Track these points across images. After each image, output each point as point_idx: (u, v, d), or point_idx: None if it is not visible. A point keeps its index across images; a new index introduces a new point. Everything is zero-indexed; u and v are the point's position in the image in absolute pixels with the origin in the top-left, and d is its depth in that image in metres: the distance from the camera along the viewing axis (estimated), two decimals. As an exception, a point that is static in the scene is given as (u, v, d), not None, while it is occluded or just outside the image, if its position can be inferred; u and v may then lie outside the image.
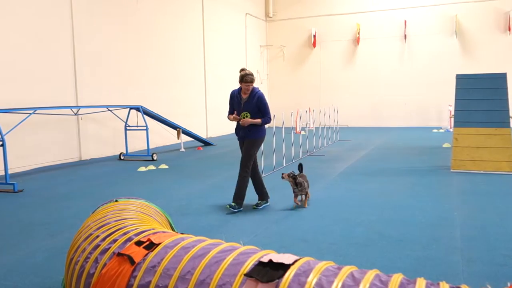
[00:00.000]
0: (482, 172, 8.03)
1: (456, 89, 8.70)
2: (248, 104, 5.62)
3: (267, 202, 5.91)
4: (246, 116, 5.62)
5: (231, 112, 5.84)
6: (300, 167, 6.09)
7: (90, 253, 2.62)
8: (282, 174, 5.78)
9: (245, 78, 5.53)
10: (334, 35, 20.31)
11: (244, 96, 5.67)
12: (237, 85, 5.88)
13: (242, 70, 5.64)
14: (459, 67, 17.29)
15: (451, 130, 15.34)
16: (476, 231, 4.61)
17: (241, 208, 5.69)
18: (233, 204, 5.63)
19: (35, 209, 5.96)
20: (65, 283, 2.89)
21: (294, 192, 5.75)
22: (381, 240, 4.36)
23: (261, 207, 5.80)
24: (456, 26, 18.19)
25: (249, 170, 5.72)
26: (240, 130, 5.77)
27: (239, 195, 5.68)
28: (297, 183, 5.66)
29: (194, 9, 15.50)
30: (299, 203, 5.80)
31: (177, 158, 10.88)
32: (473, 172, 8.04)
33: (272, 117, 5.84)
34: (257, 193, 5.91)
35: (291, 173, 5.73)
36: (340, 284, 1.88)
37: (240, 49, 18.96)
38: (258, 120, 5.62)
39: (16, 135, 8.48)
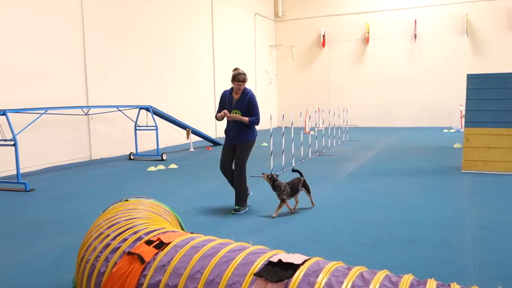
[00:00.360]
0: (493, 172, 7.95)
1: (467, 89, 8.62)
2: (238, 104, 5.58)
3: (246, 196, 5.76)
4: (236, 113, 5.55)
5: (219, 111, 5.70)
6: (297, 171, 5.79)
7: (101, 252, 2.63)
8: (262, 174, 5.60)
9: (238, 77, 5.49)
10: (344, 35, 20.25)
11: (236, 96, 5.63)
12: (246, 84, 5.82)
13: (235, 69, 5.59)
14: (470, 67, 17.14)
15: (462, 130, 15.21)
16: (488, 232, 4.57)
17: (247, 208, 5.70)
18: (237, 207, 5.60)
19: (46, 208, 6.01)
20: (76, 281, 2.91)
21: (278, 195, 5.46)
22: (391, 241, 4.33)
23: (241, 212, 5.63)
24: (467, 26, 18.05)
25: (245, 173, 5.66)
26: (230, 131, 5.68)
27: (241, 198, 5.65)
28: (275, 185, 5.39)
29: (203, 10, 15.54)
30: (275, 215, 5.31)
31: (186, 158, 10.91)
32: (484, 173, 7.97)
33: (260, 119, 5.67)
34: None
35: (271, 174, 5.49)
36: (350, 284, 1.87)
37: (249, 49, 18.97)
38: (246, 118, 5.52)
39: (27, 135, 8.56)
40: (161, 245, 2.46)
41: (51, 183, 7.84)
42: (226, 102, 5.70)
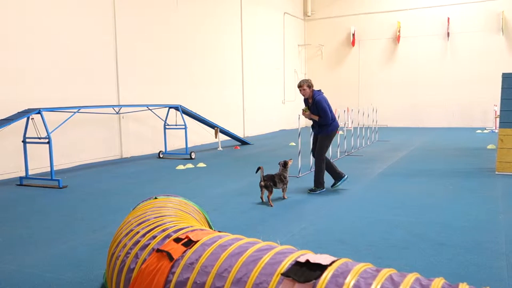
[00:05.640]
0: (529, 175, 7.70)
1: (502, 88, 8.36)
2: (312, 108, 6.67)
3: (341, 179, 6.83)
4: (306, 111, 6.69)
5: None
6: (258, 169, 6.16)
7: (131, 248, 2.68)
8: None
9: (298, 85, 6.70)
10: (374, 34, 19.97)
11: (310, 101, 6.70)
12: (274, 84, 6.22)
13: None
14: (506, 66, 16.64)
15: (496, 131, 14.78)
16: (523, 236, 4.42)
17: (324, 189, 6.66)
18: (313, 188, 6.60)
19: (79, 205, 6.16)
20: (107, 277, 2.97)
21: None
22: (421, 243, 4.25)
23: (338, 185, 6.81)
24: (502, 23, 17.51)
25: (323, 159, 6.66)
26: (314, 127, 6.88)
27: (318, 181, 6.60)
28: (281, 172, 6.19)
29: (233, 9, 15.60)
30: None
31: (214, 157, 10.98)
32: (519, 175, 7.73)
33: (336, 119, 6.69)
34: (332, 176, 6.83)
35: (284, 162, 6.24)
36: (379, 287, 1.85)
37: (278, 48, 18.93)
38: (315, 117, 6.60)
39: (61, 133, 8.79)
40: (189, 243, 2.48)
41: (84, 180, 8.04)
42: (306, 105, 6.82)
